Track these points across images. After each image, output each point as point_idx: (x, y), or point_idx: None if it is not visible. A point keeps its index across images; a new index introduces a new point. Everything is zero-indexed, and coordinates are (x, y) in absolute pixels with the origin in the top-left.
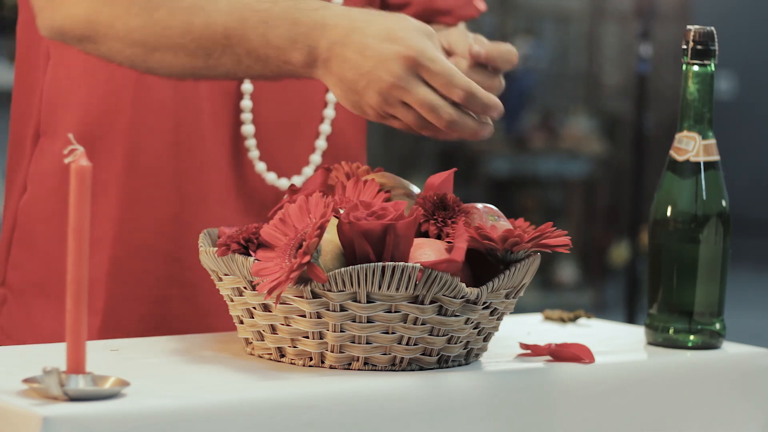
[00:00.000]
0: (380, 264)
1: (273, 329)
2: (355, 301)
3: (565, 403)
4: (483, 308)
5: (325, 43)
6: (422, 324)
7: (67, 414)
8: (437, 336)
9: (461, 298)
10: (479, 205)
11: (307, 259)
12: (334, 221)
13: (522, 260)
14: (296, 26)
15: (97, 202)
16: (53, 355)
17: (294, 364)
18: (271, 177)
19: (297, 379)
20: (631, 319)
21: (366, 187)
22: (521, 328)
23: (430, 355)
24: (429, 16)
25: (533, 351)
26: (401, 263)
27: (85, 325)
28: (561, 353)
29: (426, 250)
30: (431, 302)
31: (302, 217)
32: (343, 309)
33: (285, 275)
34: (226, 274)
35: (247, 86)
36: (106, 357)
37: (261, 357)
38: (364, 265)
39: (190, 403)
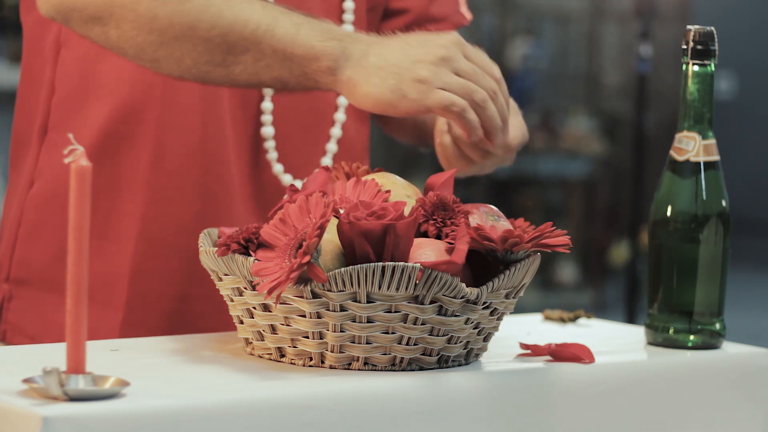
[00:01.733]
0: (380, 264)
1: (273, 329)
2: (355, 301)
3: (565, 403)
4: (483, 308)
5: (361, 46)
6: (422, 324)
7: (67, 414)
8: (437, 336)
9: (461, 298)
10: (479, 205)
11: (307, 259)
12: (334, 221)
13: (522, 260)
14: (330, 30)
15: (123, 199)
16: (53, 355)
17: (294, 364)
18: (287, 179)
19: (297, 379)
20: (631, 319)
21: (366, 187)
22: (521, 328)
23: (430, 355)
24: (424, 24)
25: (533, 351)
26: (401, 263)
27: (85, 325)
28: (561, 353)
29: (426, 250)
30: (431, 302)
31: (302, 217)
32: (343, 309)
33: (285, 275)
34: (226, 274)
35: (269, 89)
36: (106, 357)
37: (261, 357)
38: (364, 265)
39: (190, 403)
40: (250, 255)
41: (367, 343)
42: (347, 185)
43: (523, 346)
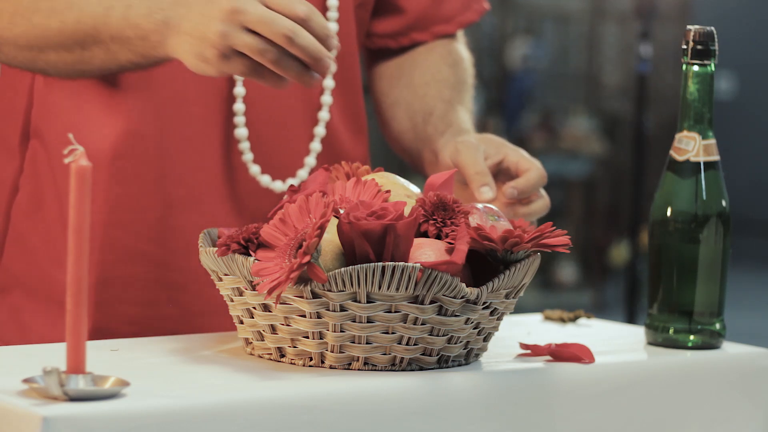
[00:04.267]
0: (380, 264)
1: (273, 329)
2: (355, 301)
3: (565, 403)
4: (483, 308)
5: (180, 11)
6: (422, 324)
7: (67, 414)
8: (437, 336)
9: (461, 298)
10: (479, 205)
11: (307, 259)
12: (334, 221)
13: (522, 260)
14: (156, 3)
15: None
16: (53, 355)
17: (294, 364)
18: (265, 179)
19: (297, 379)
20: (631, 319)
21: (366, 187)
22: (521, 328)
23: (430, 355)
24: (429, 25)
25: (533, 351)
26: (401, 263)
27: (85, 325)
28: (561, 353)
29: (426, 250)
30: (431, 302)
31: (302, 217)
32: (343, 309)
33: (285, 275)
34: (226, 274)
35: (239, 89)
36: (106, 357)
37: (261, 357)
38: (364, 265)
39: (190, 403)
40: (250, 255)
41: (367, 343)
42: (347, 185)
43: (523, 346)
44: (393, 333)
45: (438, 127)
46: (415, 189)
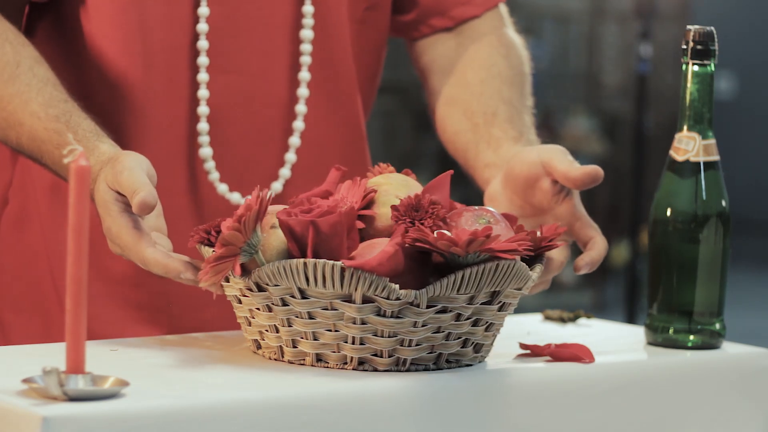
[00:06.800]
0: (302, 260)
1: (249, 322)
2: (292, 296)
3: (565, 403)
4: (441, 312)
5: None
6: (362, 324)
7: (67, 414)
8: (382, 337)
9: (396, 299)
10: (475, 207)
11: (224, 251)
12: None
13: (473, 265)
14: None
15: (58, 231)
16: (53, 355)
17: (264, 357)
18: (235, 197)
19: (297, 379)
20: (631, 319)
21: (359, 186)
22: (521, 328)
23: (382, 356)
24: (446, 9)
25: (533, 351)
26: (322, 260)
27: (85, 325)
28: (561, 353)
29: (377, 249)
30: (365, 302)
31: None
32: (285, 303)
33: (207, 266)
34: None
35: (203, 108)
36: (106, 357)
37: (255, 353)
38: (286, 260)
39: (190, 403)
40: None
41: (314, 340)
42: (344, 185)
43: (523, 346)
44: (337, 331)
45: (507, 131)
46: (416, 190)
